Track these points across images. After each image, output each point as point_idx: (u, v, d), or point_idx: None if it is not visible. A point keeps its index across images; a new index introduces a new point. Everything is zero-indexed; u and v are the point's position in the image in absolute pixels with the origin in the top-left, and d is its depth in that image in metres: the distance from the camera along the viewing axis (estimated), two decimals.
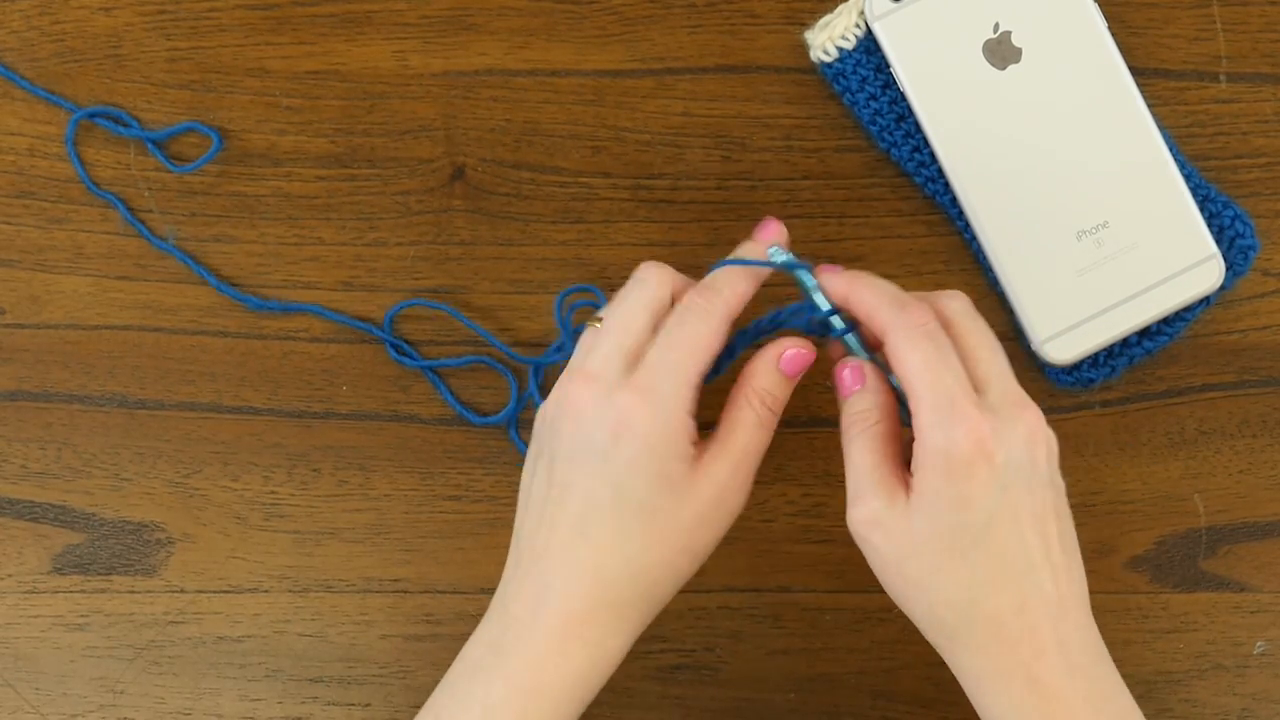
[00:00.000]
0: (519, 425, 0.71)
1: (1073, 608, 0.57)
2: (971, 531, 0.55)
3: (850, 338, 0.61)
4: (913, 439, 0.57)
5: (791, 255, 0.62)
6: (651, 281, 0.60)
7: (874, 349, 0.61)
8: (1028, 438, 0.57)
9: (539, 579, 0.58)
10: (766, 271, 0.62)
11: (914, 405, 0.57)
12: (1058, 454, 0.59)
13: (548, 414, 0.60)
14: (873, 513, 0.57)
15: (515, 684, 0.58)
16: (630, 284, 0.61)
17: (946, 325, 0.59)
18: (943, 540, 0.56)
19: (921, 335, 0.57)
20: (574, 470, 0.58)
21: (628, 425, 0.57)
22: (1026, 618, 0.56)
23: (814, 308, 0.61)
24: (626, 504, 0.57)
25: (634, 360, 0.58)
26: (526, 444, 0.64)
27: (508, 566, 0.61)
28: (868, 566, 0.59)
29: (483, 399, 0.72)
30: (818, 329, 0.61)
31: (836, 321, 0.61)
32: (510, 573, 0.60)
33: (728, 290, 0.60)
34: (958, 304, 0.60)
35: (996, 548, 0.56)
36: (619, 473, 0.57)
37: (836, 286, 0.60)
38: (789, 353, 0.60)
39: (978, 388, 0.57)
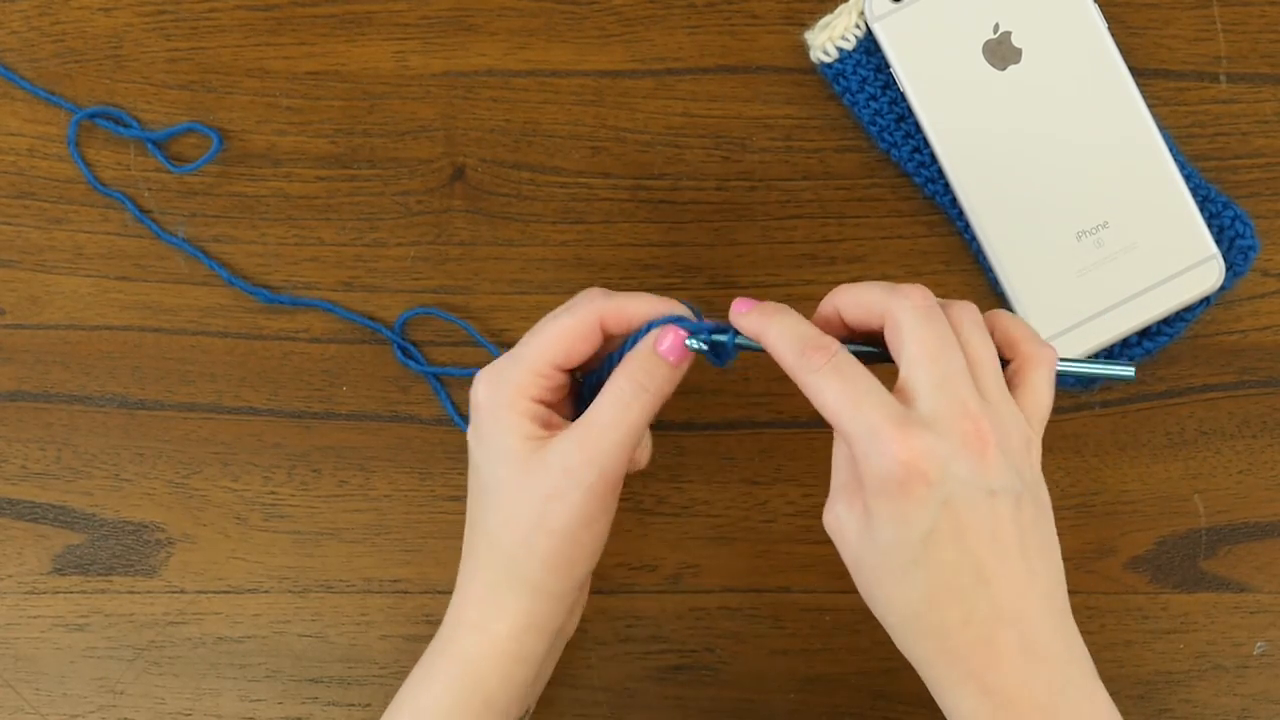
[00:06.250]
0: None
1: (1036, 613, 0.55)
2: (909, 549, 0.54)
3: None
4: None
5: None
6: (578, 308, 0.61)
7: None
8: (964, 448, 0.54)
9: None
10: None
11: (842, 435, 0.56)
12: (1023, 449, 0.56)
13: None
14: (834, 516, 0.57)
15: (456, 662, 0.62)
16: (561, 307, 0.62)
17: (893, 330, 0.56)
18: (883, 555, 0.55)
19: (829, 368, 0.56)
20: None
21: (474, 404, 0.61)
22: (975, 630, 0.54)
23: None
24: (478, 479, 0.61)
25: None
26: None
27: None
28: None
29: None
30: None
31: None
32: None
33: (599, 299, 0.61)
34: (909, 302, 0.57)
35: (936, 564, 0.54)
36: (473, 451, 0.61)
37: (749, 325, 0.59)
38: (666, 341, 0.60)
39: (908, 399, 0.55)
